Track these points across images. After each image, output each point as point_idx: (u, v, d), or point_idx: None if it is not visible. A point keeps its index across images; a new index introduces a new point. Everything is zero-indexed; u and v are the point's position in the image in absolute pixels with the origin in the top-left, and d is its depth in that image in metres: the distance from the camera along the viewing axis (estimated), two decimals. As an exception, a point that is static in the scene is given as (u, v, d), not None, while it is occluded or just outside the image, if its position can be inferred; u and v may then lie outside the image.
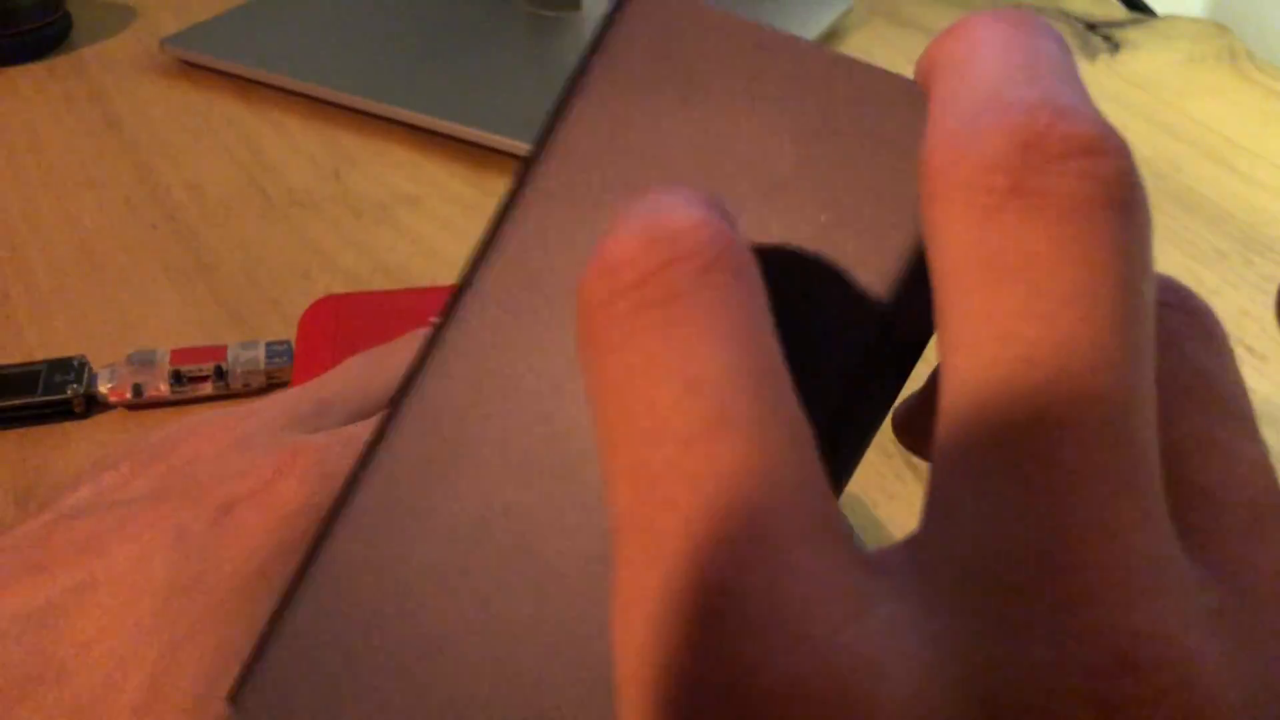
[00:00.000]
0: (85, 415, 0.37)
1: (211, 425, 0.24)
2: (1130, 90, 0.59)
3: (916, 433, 0.16)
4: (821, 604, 0.10)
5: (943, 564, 0.11)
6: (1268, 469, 0.13)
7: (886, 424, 0.37)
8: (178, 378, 0.37)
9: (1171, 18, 0.68)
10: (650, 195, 0.13)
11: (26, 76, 0.58)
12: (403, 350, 0.28)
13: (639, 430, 0.11)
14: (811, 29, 0.61)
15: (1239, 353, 0.41)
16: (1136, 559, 0.10)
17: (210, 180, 0.50)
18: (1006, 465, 0.10)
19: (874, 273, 0.14)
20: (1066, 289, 0.11)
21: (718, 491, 0.10)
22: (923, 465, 0.36)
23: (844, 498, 0.34)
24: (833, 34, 0.64)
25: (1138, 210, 0.11)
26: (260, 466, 0.22)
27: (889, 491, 0.35)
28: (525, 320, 0.16)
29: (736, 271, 0.12)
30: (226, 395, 0.38)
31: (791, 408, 0.11)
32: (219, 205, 0.48)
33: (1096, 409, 0.10)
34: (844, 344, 0.14)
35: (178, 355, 0.37)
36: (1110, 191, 0.11)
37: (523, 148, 0.50)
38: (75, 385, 0.36)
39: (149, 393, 0.37)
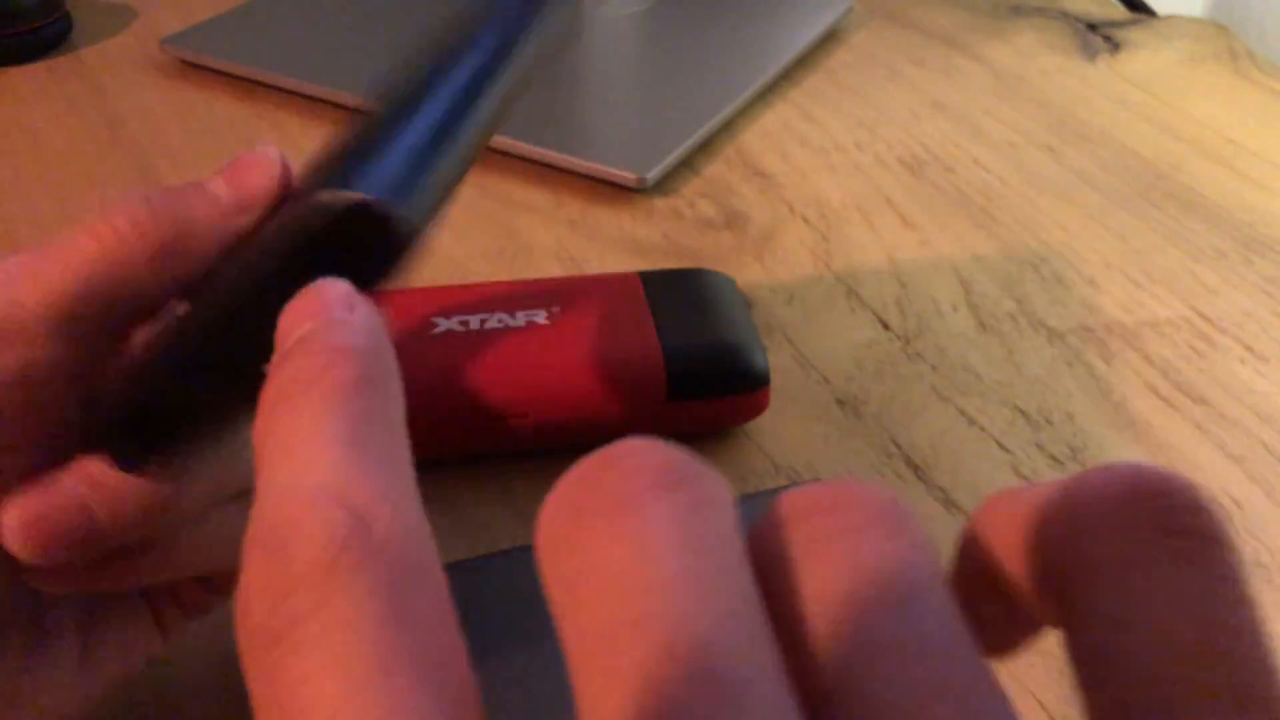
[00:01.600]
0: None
1: None
2: (1130, 90, 0.59)
3: None
4: None
5: None
6: None
7: (911, 413, 0.37)
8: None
9: (1172, 17, 0.68)
10: (261, 502, 0.13)
11: (26, 77, 0.58)
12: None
13: None
14: (812, 29, 0.61)
15: (1239, 353, 0.41)
16: None
17: (210, 180, 0.50)
18: None
19: None
20: None
21: None
22: (923, 464, 0.36)
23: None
24: (833, 34, 0.64)
25: None
26: None
27: (889, 491, 0.35)
28: None
29: (357, 567, 0.12)
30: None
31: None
32: (219, 205, 0.48)
33: None
34: None
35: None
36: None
37: (523, 148, 0.50)
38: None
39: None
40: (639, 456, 0.13)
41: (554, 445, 0.36)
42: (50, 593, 0.22)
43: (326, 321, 0.15)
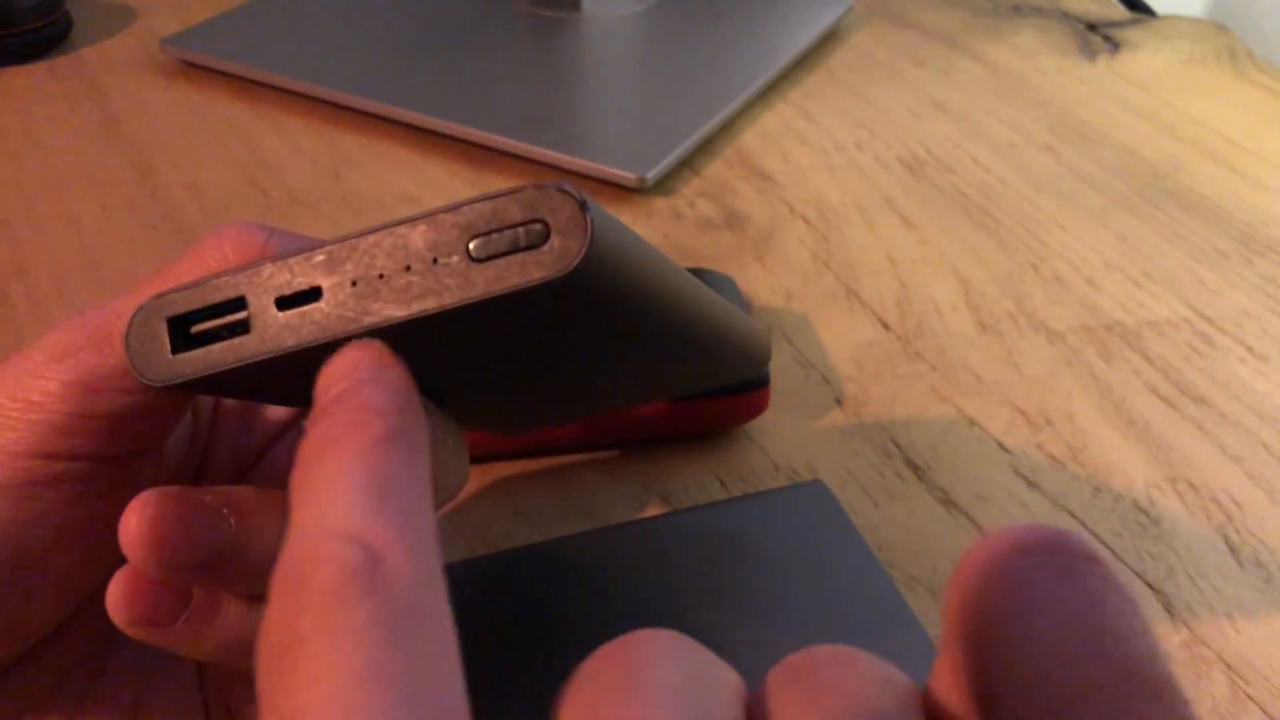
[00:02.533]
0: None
1: None
2: (1130, 90, 0.59)
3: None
4: None
5: None
6: None
7: (911, 413, 0.37)
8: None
9: (1171, 17, 0.68)
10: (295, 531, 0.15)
11: (26, 77, 0.58)
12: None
13: None
14: (811, 29, 0.61)
15: (1239, 353, 0.41)
16: None
17: (210, 180, 0.50)
18: None
19: None
20: None
21: None
22: (923, 465, 0.36)
23: (846, 497, 0.34)
24: (832, 34, 0.64)
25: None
26: None
27: (889, 491, 0.35)
28: None
29: (363, 595, 0.13)
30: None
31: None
32: (219, 205, 0.48)
33: None
34: None
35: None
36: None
37: (523, 148, 0.50)
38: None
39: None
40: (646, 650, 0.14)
41: (554, 447, 0.36)
42: (142, 640, 0.21)
43: (359, 381, 0.17)
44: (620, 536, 0.31)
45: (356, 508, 0.14)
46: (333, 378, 0.17)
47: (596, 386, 0.26)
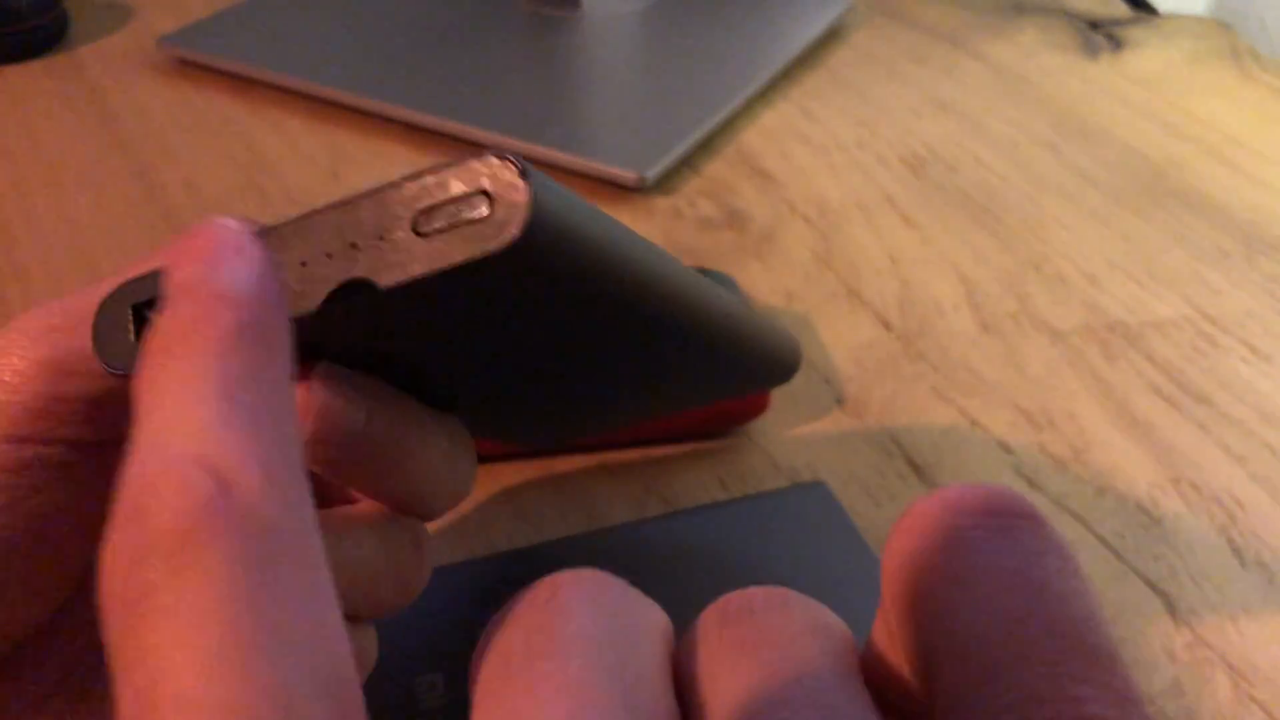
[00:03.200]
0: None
1: None
2: (1133, 89, 0.59)
3: None
4: None
5: None
6: None
7: (912, 413, 0.37)
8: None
9: (1174, 16, 0.67)
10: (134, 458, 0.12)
11: (23, 75, 0.58)
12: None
13: None
14: (812, 27, 0.61)
15: (1242, 353, 0.41)
16: None
17: (208, 179, 0.50)
18: None
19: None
20: None
21: None
22: (925, 465, 0.36)
23: (847, 498, 0.34)
24: (834, 32, 0.64)
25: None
26: None
27: (890, 491, 0.35)
28: None
29: (216, 534, 0.11)
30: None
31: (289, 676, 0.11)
32: (217, 205, 0.48)
33: None
34: None
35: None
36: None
37: (522, 146, 0.50)
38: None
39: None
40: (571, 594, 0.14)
41: (554, 447, 0.36)
42: None
43: (211, 265, 0.14)
44: (620, 537, 0.31)
45: (201, 422, 0.12)
46: (182, 259, 0.14)
47: (595, 390, 0.26)
